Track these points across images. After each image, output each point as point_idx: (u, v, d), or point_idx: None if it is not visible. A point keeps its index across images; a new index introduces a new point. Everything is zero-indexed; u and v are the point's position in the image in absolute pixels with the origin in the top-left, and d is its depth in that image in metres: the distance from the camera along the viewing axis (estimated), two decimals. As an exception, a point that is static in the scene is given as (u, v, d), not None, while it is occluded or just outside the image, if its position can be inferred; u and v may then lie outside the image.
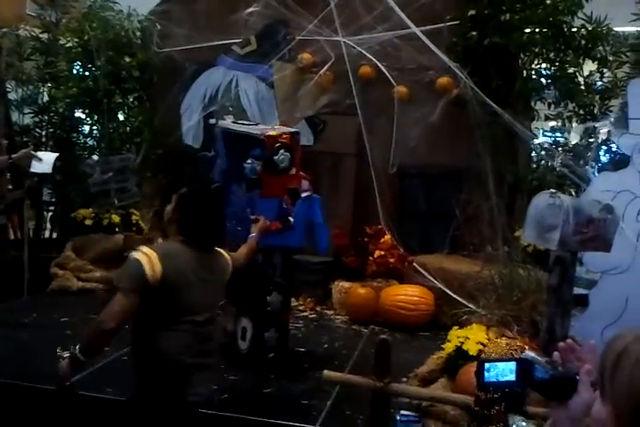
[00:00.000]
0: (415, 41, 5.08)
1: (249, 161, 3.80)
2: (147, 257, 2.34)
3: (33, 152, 4.45)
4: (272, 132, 3.80)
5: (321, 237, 4.38)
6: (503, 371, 1.27)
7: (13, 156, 4.40)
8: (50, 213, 6.88)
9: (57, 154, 4.92)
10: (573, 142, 5.49)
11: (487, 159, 4.91)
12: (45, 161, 4.50)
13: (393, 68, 5.40)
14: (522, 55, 5.18)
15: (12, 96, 6.46)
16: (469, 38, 5.14)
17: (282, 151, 3.74)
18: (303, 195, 4.03)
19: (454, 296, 4.40)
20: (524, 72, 5.22)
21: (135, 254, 2.37)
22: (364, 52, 5.41)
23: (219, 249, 2.67)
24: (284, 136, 3.80)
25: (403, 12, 5.06)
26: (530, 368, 1.21)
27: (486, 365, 1.27)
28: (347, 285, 5.11)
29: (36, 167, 4.48)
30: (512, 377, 1.26)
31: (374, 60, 5.42)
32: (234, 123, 4.26)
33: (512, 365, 1.26)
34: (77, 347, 2.40)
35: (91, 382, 3.39)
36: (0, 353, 3.92)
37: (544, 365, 1.19)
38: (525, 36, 5.00)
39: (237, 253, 2.96)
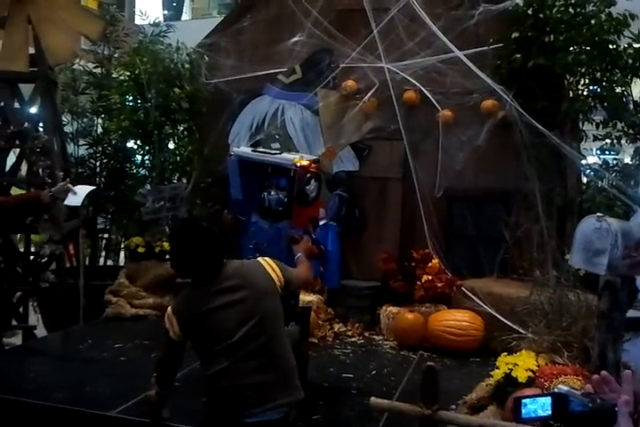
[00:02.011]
0: (459, 65, 5.11)
1: (273, 193, 3.75)
2: (168, 319, 2.72)
3: (70, 186, 4.58)
4: (304, 162, 3.75)
5: (332, 264, 4.30)
6: (539, 406, 1.25)
7: (53, 189, 4.55)
8: (104, 242, 7.08)
9: (92, 187, 4.97)
10: (623, 162, 5.39)
11: (535, 181, 4.86)
12: (78, 194, 4.61)
13: (437, 92, 5.41)
14: (567, 76, 5.13)
15: (67, 129, 6.71)
16: (514, 61, 5.12)
17: (312, 181, 3.72)
18: (320, 223, 3.99)
19: (504, 321, 4.34)
20: (571, 93, 5.16)
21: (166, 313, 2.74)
22: (408, 78, 5.45)
23: (253, 260, 2.80)
24: (313, 165, 3.77)
25: (445, 36, 5.11)
26: (566, 402, 1.20)
27: (522, 401, 1.26)
28: (394, 310, 5.09)
29: (69, 200, 4.60)
30: (549, 412, 1.25)
31: (418, 84, 5.45)
32: (253, 151, 4.18)
33: (547, 399, 1.24)
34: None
35: (143, 408, 3.46)
36: (56, 379, 4.03)
37: (580, 398, 1.18)
38: (570, 57, 4.95)
39: (295, 271, 2.95)
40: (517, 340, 3.67)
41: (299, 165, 3.71)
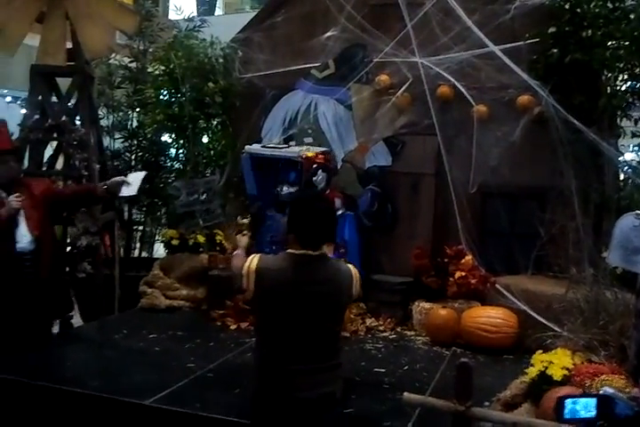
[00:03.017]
0: (494, 60, 5.05)
1: (285, 188, 3.79)
2: (246, 274, 2.77)
3: (123, 178, 4.66)
4: (308, 153, 3.79)
5: (351, 255, 4.31)
6: (583, 407, 1.25)
7: (108, 182, 4.63)
8: (139, 234, 7.17)
9: (144, 173, 5.02)
10: (662, 159, 5.30)
11: (571, 178, 4.79)
12: (132, 184, 4.68)
13: (471, 87, 5.36)
14: (605, 71, 5.05)
15: (103, 122, 6.80)
16: (550, 56, 5.06)
17: (319, 172, 3.74)
18: (337, 213, 4.00)
19: (539, 319, 4.30)
20: (608, 88, 5.08)
21: (245, 263, 2.80)
22: (442, 73, 5.41)
23: (346, 264, 2.93)
24: (320, 156, 3.78)
25: (480, 31, 5.06)
26: (611, 404, 1.19)
27: (565, 401, 1.25)
28: (427, 305, 5.08)
29: (124, 191, 4.67)
30: (593, 413, 1.24)
31: (452, 79, 5.41)
32: (263, 147, 4.22)
33: (592, 401, 1.24)
34: None
35: (178, 398, 3.51)
36: (92, 367, 4.12)
37: (626, 401, 1.17)
38: (608, 52, 4.87)
39: None
40: (553, 338, 3.64)
41: (304, 156, 3.75)
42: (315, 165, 3.68)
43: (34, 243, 4.32)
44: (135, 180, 4.73)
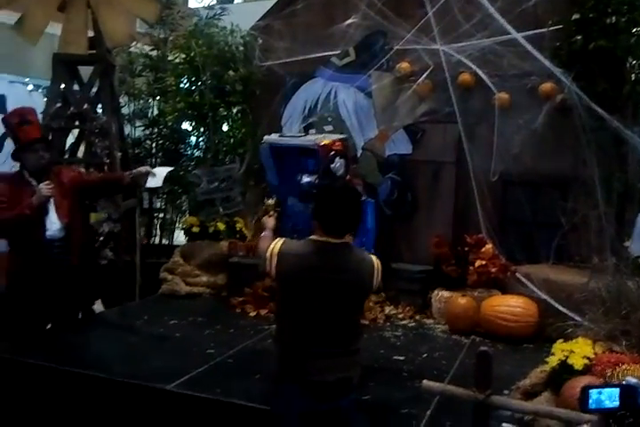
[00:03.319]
0: (516, 47, 5.00)
1: (304, 177, 3.79)
2: (270, 256, 2.81)
3: (150, 169, 4.70)
4: (325, 141, 3.78)
5: (369, 243, 4.32)
6: (607, 397, 1.24)
7: (134, 171, 4.67)
8: (159, 221, 7.23)
9: (170, 169, 5.13)
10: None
11: (594, 166, 4.75)
12: (158, 175, 4.72)
13: (493, 74, 5.30)
14: (630, 58, 4.97)
15: (124, 110, 6.83)
16: (574, 43, 4.98)
17: (337, 159, 3.73)
18: None
19: (560, 308, 4.28)
20: (633, 75, 5.00)
21: (270, 246, 2.85)
22: (464, 60, 5.36)
23: (369, 254, 2.93)
24: (337, 143, 3.78)
25: (503, 18, 5.00)
26: (634, 394, 1.18)
27: (589, 391, 1.25)
28: (447, 294, 5.07)
29: (150, 183, 4.71)
30: (616, 403, 1.23)
31: (474, 67, 5.36)
32: (281, 136, 4.24)
33: (616, 391, 1.23)
34: None
35: (199, 383, 3.55)
36: (115, 353, 4.16)
37: None
38: (633, 39, 4.79)
39: None
40: (573, 327, 3.62)
41: (320, 144, 3.75)
42: (332, 153, 3.67)
43: (63, 230, 4.37)
44: (161, 172, 4.78)
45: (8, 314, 4.33)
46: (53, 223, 4.34)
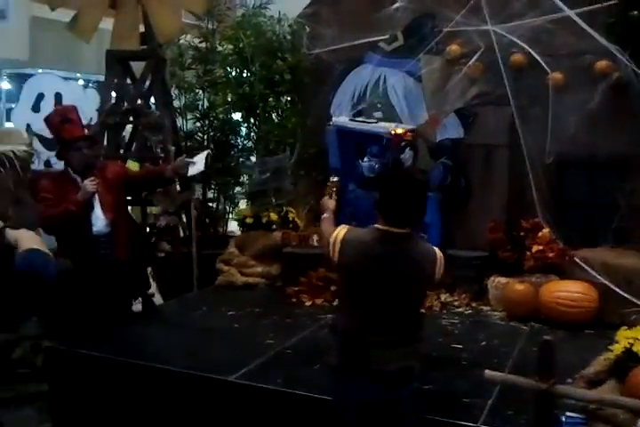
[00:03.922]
0: (569, 25, 4.87)
1: (366, 159, 3.74)
2: (332, 242, 2.84)
3: (188, 159, 4.76)
4: (398, 130, 3.74)
5: (432, 236, 4.24)
6: None
7: (173, 164, 4.74)
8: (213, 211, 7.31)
9: (207, 152, 5.15)
10: None
11: (653, 146, 4.62)
12: (198, 162, 4.78)
13: (546, 54, 5.17)
14: (689, 33, 4.79)
15: (175, 103, 6.91)
16: (629, 18, 4.82)
17: (407, 150, 3.69)
18: None
19: (621, 293, 4.19)
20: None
21: (333, 233, 2.87)
22: (515, 40, 5.24)
23: (433, 248, 2.93)
24: (408, 134, 3.74)
25: (555, -6, 4.87)
26: None
27: None
28: (503, 280, 5.01)
29: (192, 170, 4.79)
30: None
31: (526, 47, 5.23)
32: (351, 120, 4.20)
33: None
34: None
35: (260, 374, 3.61)
36: (174, 345, 4.26)
37: None
38: (693, 12, 4.62)
39: None
40: (637, 314, 3.55)
41: (393, 133, 3.71)
42: (403, 143, 3.64)
43: (109, 226, 4.46)
44: (200, 159, 4.83)
45: (62, 309, 4.43)
46: (99, 219, 4.44)
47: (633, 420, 2.75)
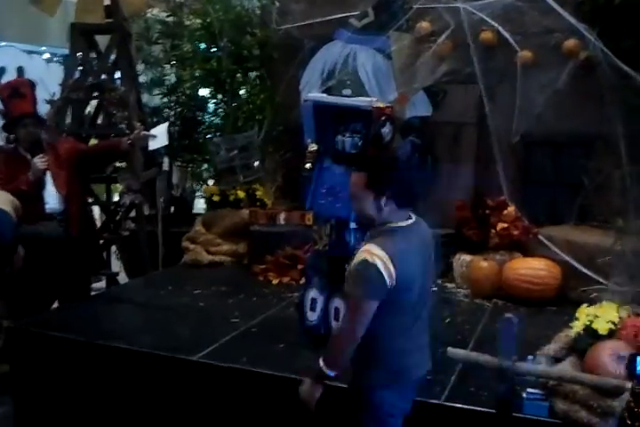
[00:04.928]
0: (539, 3, 4.85)
1: (347, 135, 3.68)
2: (382, 262, 2.37)
3: (145, 132, 4.66)
4: (380, 104, 3.69)
5: None
6: None
7: (131, 137, 4.64)
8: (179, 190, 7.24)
9: (166, 124, 5.01)
10: None
11: (618, 125, 4.65)
12: (159, 135, 4.68)
13: (516, 32, 5.15)
14: (657, 12, 4.80)
15: (141, 78, 6.78)
16: (598, -3, 4.82)
17: (388, 124, 3.63)
18: None
19: (583, 270, 4.24)
20: (660, 30, 4.84)
21: (369, 259, 2.38)
22: (485, 18, 5.21)
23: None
24: (388, 109, 3.68)
25: (525, -28, 4.84)
26: None
27: (638, 358, 1.24)
28: (468, 258, 5.04)
29: (153, 144, 4.69)
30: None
31: (496, 24, 5.21)
32: (327, 96, 4.14)
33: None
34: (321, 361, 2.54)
35: (225, 353, 3.60)
36: (139, 324, 4.23)
37: None
38: (662, -8, 4.63)
39: None
40: (598, 291, 3.59)
41: (375, 106, 3.65)
42: (383, 117, 3.56)
43: (63, 202, 4.38)
44: (160, 132, 4.72)
45: (20, 289, 4.32)
46: (52, 196, 4.37)
47: (591, 396, 2.79)
